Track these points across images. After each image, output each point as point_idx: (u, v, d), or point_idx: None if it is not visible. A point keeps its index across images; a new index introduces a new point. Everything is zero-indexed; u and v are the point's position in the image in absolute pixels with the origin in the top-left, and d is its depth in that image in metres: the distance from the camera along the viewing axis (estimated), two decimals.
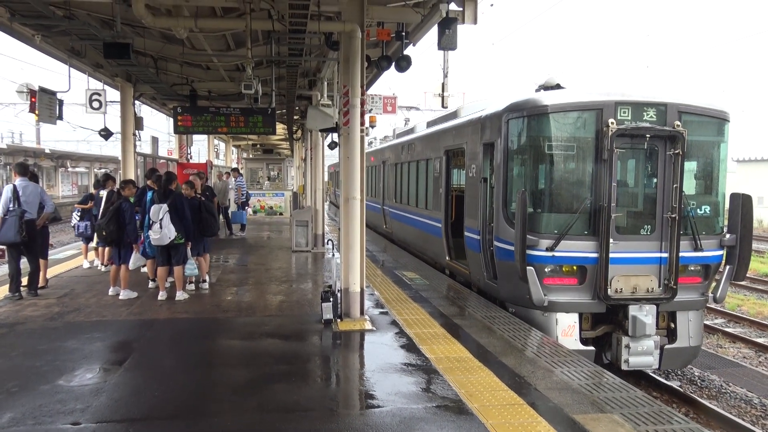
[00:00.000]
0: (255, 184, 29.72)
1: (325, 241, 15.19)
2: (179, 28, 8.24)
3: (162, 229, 8.49)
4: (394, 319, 7.99)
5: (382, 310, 8.47)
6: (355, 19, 7.55)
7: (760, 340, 11.56)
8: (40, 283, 9.39)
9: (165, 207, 8.57)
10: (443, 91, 17.23)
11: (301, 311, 8.48)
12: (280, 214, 24.63)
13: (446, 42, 7.49)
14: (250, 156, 35.74)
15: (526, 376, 5.78)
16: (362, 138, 7.75)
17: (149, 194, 9.04)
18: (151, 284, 9.77)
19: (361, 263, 7.83)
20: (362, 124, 7.74)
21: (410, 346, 6.75)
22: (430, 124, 14.82)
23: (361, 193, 7.78)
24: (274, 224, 22.40)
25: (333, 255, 8.18)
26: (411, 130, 17.19)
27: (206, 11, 8.81)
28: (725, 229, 8.44)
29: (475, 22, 7.89)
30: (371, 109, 18.14)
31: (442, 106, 17.26)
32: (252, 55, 8.58)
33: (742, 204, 8.22)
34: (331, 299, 7.63)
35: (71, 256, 13.34)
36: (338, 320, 7.68)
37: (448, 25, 7.44)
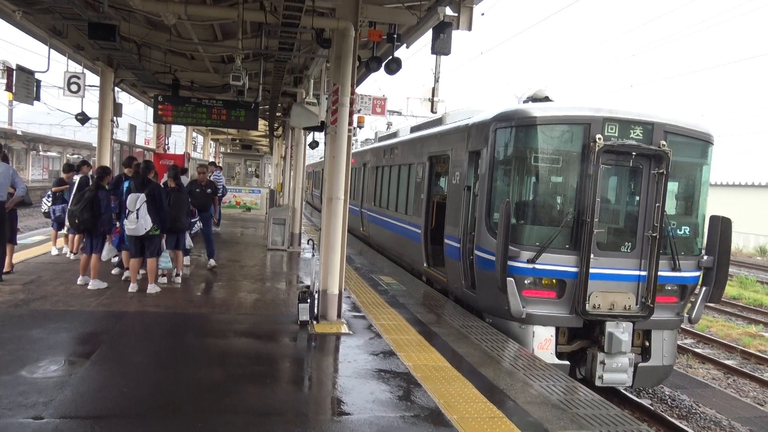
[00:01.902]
0: (231, 179, 29.38)
1: (302, 240, 15.00)
2: (168, 13, 8.01)
3: (138, 220, 8.25)
4: (370, 323, 7.86)
5: (358, 314, 8.34)
6: (349, 17, 7.43)
7: (728, 362, 11.71)
8: (6, 268, 9.04)
9: (143, 197, 8.32)
10: (433, 95, 17.14)
11: (276, 311, 8.31)
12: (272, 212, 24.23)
13: (440, 46, 7.42)
14: (229, 150, 35.29)
15: (505, 389, 5.70)
16: (349, 138, 7.62)
17: (126, 183, 8.77)
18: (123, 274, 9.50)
19: (341, 265, 7.69)
20: (350, 123, 7.61)
21: (387, 353, 6.63)
22: (413, 129, 14.73)
23: (346, 193, 7.65)
24: (250, 221, 22.10)
25: (313, 255, 8.02)
26: (394, 134, 17.09)
27: None
28: (703, 251, 8.51)
29: (469, 28, 7.83)
30: (360, 110, 17.99)
31: (431, 111, 17.18)
32: (242, 47, 8.39)
33: (721, 227, 8.29)
34: (309, 300, 7.48)
35: (39, 242, 12.94)
36: (314, 322, 7.53)
37: (442, 30, 7.37)
